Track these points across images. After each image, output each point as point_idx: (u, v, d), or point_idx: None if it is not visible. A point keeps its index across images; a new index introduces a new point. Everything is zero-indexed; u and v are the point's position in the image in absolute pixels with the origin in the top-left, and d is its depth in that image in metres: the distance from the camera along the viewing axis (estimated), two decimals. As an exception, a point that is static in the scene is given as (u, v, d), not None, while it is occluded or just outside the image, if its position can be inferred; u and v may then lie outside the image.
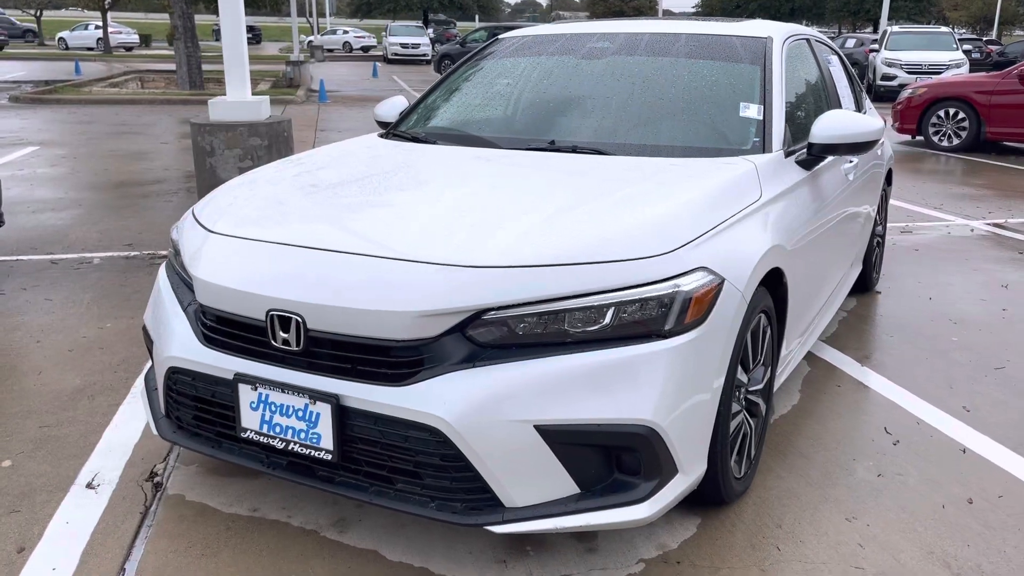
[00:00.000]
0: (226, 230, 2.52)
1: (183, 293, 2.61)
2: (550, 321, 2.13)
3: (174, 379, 2.48)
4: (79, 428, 3.19)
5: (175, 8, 19.32)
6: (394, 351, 2.14)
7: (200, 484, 2.78)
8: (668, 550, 2.45)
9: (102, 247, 5.96)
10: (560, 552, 2.43)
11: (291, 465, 2.34)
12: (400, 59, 36.98)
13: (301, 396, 2.21)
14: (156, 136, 12.10)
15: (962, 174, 9.91)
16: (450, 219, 2.38)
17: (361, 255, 2.22)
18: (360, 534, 2.51)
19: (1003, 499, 2.76)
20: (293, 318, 2.20)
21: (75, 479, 2.81)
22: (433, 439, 2.09)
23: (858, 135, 3.11)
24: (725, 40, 3.55)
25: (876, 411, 3.42)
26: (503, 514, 2.13)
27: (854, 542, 2.50)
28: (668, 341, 2.16)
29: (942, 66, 19.97)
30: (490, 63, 3.90)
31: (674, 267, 2.22)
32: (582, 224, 2.31)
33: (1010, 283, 5.33)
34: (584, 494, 2.16)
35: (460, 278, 2.12)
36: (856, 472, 2.92)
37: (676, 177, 2.69)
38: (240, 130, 5.63)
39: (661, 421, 2.13)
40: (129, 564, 2.36)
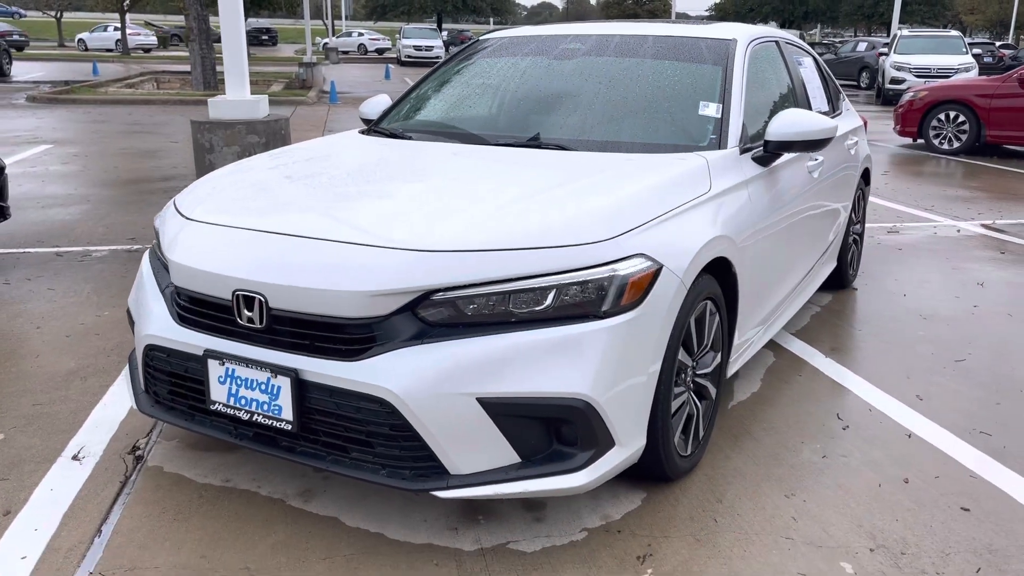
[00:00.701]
0: (201, 217, 2.70)
1: (162, 277, 2.79)
2: (496, 302, 2.29)
3: (151, 356, 2.66)
4: (70, 406, 3.37)
5: (190, 10, 19.63)
6: (348, 328, 2.31)
7: (178, 457, 2.96)
8: (611, 520, 2.60)
9: (106, 241, 6.17)
10: (509, 521, 2.58)
11: (256, 436, 2.51)
12: (413, 61, 37.23)
13: (263, 370, 2.38)
14: (167, 135, 12.34)
15: (959, 176, 9.99)
16: (408, 208, 2.55)
17: (318, 239, 2.39)
18: (323, 503, 2.67)
19: (938, 479, 2.89)
20: (256, 297, 2.37)
21: (62, 452, 3.00)
22: (383, 410, 2.25)
23: (811, 133, 3.25)
24: (691, 42, 3.70)
25: (831, 399, 3.55)
26: (448, 480, 2.29)
27: (788, 516, 2.65)
28: (604, 321, 2.31)
29: (951, 70, 19.98)
30: (468, 63, 4.06)
31: (612, 253, 2.37)
32: (529, 213, 2.47)
33: (986, 281, 5.44)
34: (524, 463, 2.32)
35: (409, 260, 2.28)
36: (802, 454, 3.06)
37: (628, 171, 2.84)
38: (238, 128, 5.82)
39: (596, 395, 2.28)
40: (105, 526, 2.53)
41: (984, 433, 3.25)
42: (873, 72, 25.00)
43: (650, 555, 2.43)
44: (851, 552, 2.46)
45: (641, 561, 2.40)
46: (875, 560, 2.42)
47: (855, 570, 2.37)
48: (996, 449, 3.11)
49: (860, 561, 2.41)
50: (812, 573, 2.36)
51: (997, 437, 3.22)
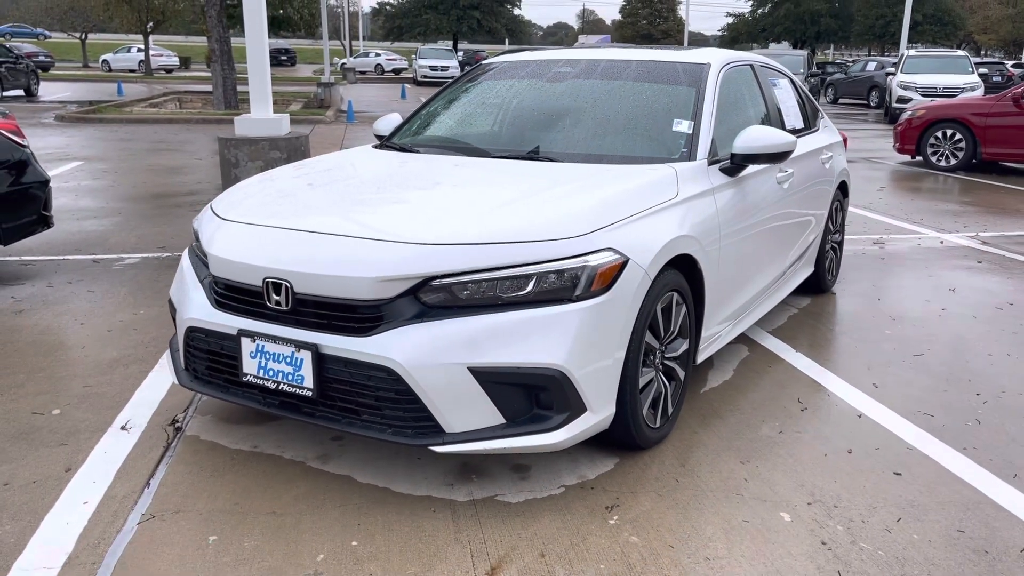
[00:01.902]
0: (235, 218, 3.15)
1: (200, 270, 3.23)
2: (485, 287, 2.72)
3: (192, 337, 3.10)
4: (116, 388, 3.82)
5: (213, 32, 20.29)
6: (360, 309, 2.74)
7: (213, 428, 3.39)
8: (586, 479, 3.00)
9: (138, 249, 6.65)
10: (498, 479, 2.99)
11: (282, 403, 2.94)
12: (429, 81, 37.95)
13: (288, 346, 2.81)
14: (191, 153, 12.90)
15: (953, 192, 10.35)
16: (412, 210, 3.00)
17: (336, 235, 2.83)
18: (338, 464, 3.10)
19: (878, 450, 3.28)
20: (284, 283, 2.81)
21: (112, 423, 3.44)
22: (389, 377, 2.68)
23: (773, 146, 3.66)
24: (670, 66, 4.13)
25: (796, 386, 3.94)
26: (444, 438, 2.71)
27: (740, 477, 3.04)
28: (577, 304, 2.73)
29: (957, 89, 20.32)
30: (471, 85, 4.52)
31: (585, 247, 2.79)
32: (515, 213, 2.90)
33: (957, 287, 5.81)
34: (509, 424, 2.74)
35: (411, 252, 2.72)
36: (761, 430, 3.45)
37: (604, 179, 3.27)
38: (262, 144, 6.30)
39: (569, 366, 2.69)
40: (153, 480, 2.97)
41: (927, 414, 3.63)
42: (882, 91, 25.36)
43: (617, 506, 2.83)
44: (791, 505, 2.85)
45: (609, 510, 2.80)
46: (811, 511, 2.81)
47: (791, 518, 2.77)
48: (935, 427, 3.50)
49: (797, 512, 2.81)
50: (754, 520, 2.75)
51: (938, 418, 3.60)
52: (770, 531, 2.69)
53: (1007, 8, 53.29)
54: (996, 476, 3.09)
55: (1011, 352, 4.46)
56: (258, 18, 6.34)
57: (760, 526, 2.72)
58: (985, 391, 3.91)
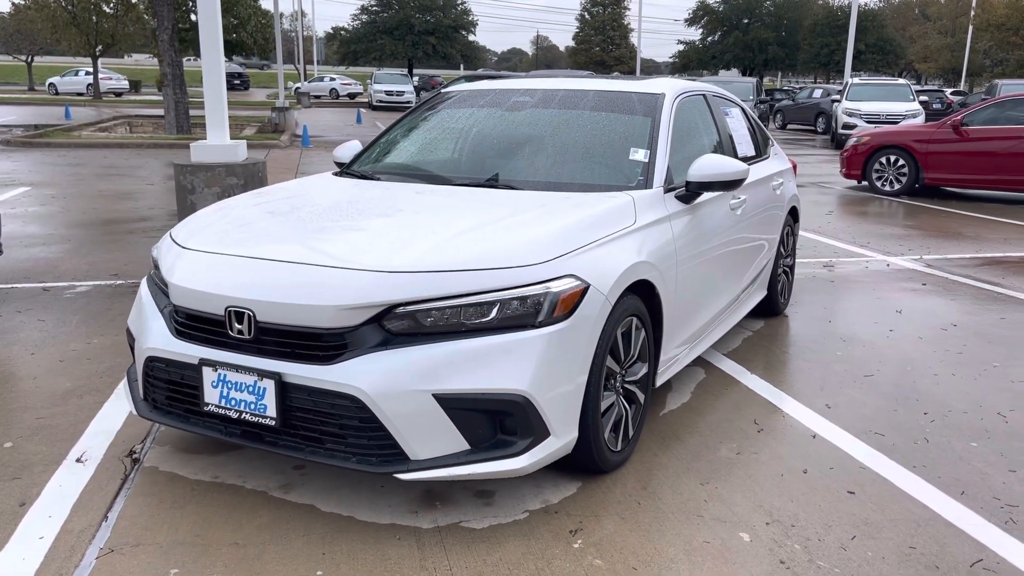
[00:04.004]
0: (196, 246, 3.14)
1: (160, 299, 3.21)
2: (449, 315, 2.74)
3: (151, 367, 3.07)
4: (70, 419, 3.75)
5: (164, 56, 20.09)
6: (323, 337, 2.75)
7: (171, 459, 3.35)
8: (550, 504, 3.03)
9: (90, 277, 6.54)
10: (461, 505, 3.01)
11: (244, 433, 2.92)
12: (385, 106, 37.98)
13: (251, 375, 2.81)
14: (143, 178, 12.73)
15: (897, 216, 10.66)
16: (374, 237, 3.02)
17: (299, 263, 2.84)
18: (301, 494, 3.08)
19: (833, 470, 3.37)
20: (246, 312, 2.81)
21: (66, 456, 3.37)
22: (353, 406, 2.69)
23: (726, 174, 3.76)
24: (625, 96, 4.23)
25: (752, 408, 4.03)
26: (408, 465, 2.72)
27: (701, 499, 3.10)
28: (540, 330, 2.77)
29: (899, 116, 20.97)
30: (431, 113, 4.57)
31: (547, 273, 2.84)
32: (477, 241, 2.95)
33: (904, 309, 5.98)
34: (473, 450, 2.76)
35: (374, 280, 2.74)
36: (719, 451, 3.52)
37: (564, 207, 3.33)
38: (218, 170, 6.26)
39: (532, 391, 2.73)
40: (111, 514, 2.92)
41: (878, 434, 3.73)
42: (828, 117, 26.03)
43: (580, 529, 2.86)
44: (749, 525, 2.91)
45: (573, 534, 2.83)
46: (769, 531, 2.88)
47: (751, 538, 2.83)
48: (886, 446, 3.60)
49: (756, 532, 2.87)
50: (715, 540, 2.81)
51: (889, 437, 3.70)
52: (730, 551, 2.74)
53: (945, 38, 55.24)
54: (945, 493, 3.19)
55: (955, 372, 4.61)
56: (214, 41, 6.33)
57: (720, 547, 2.77)
58: (932, 410, 4.03)
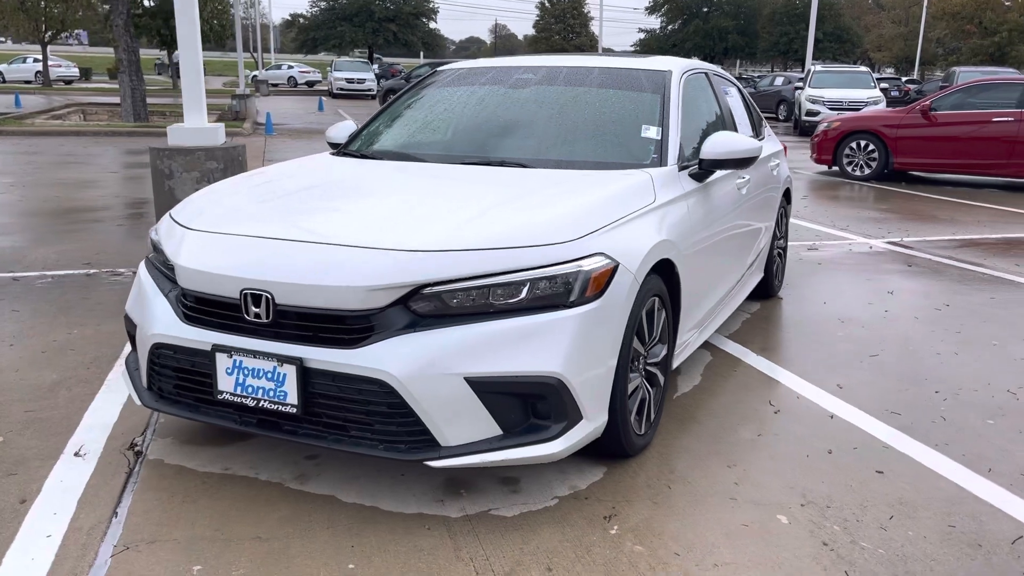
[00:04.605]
0: (204, 227, 2.98)
1: (162, 283, 3.04)
2: (477, 295, 2.63)
3: (157, 354, 2.91)
4: (61, 412, 3.56)
5: (120, 42, 19.55)
6: (348, 320, 2.62)
7: (176, 451, 3.19)
8: (578, 489, 2.94)
9: (61, 266, 6.28)
10: (488, 492, 2.90)
11: (260, 422, 2.78)
12: (345, 93, 37.49)
13: (270, 360, 2.67)
14: (103, 166, 12.35)
15: (871, 200, 10.74)
16: (396, 216, 2.89)
17: (320, 243, 2.70)
18: (319, 484, 2.95)
19: (856, 450, 3.32)
20: (264, 295, 2.66)
21: (63, 450, 3.20)
22: (382, 391, 2.56)
23: (740, 152, 3.69)
24: (632, 73, 4.13)
25: (764, 389, 3.98)
26: (439, 451, 2.60)
27: (731, 481, 3.03)
28: (572, 310, 2.67)
29: (861, 103, 21.19)
30: (429, 91, 4.43)
31: (577, 252, 2.74)
32: (504, 218, 2.83)
33: (895, 290, 6.00)
34: (505, 435, 2.65)
35: (403, 259, 2.61)
36: (740, 433, 3.46)
37: (584, 184, 3.23)
38: (198, 154, 6.04)
39: (567, 373, 2.63)
40: (120, 509, 2.77)
41: (894, 413, 3.70)
42: (790, 105, 26.24)
43: (615, 515, 2.78)
44: (785, 507, 2.85)
45: (607, 520, 2.74)
46: (806, 513, 2.82)
47: (789, 520, 2.76)
48: (905, 425, 3.57)
49: (793, 514, 2.81)
50: (753, 524, 2.74)
51: (905, 416, 3.67)
52: (771, 534, 2.68)
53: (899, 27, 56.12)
54: (972, 471, 3.16)
55: (958, 351, 4.61)
56: (191, 22, 6.10)
57: (760, 529, 2.71)
58: (943, 389, 4.02)
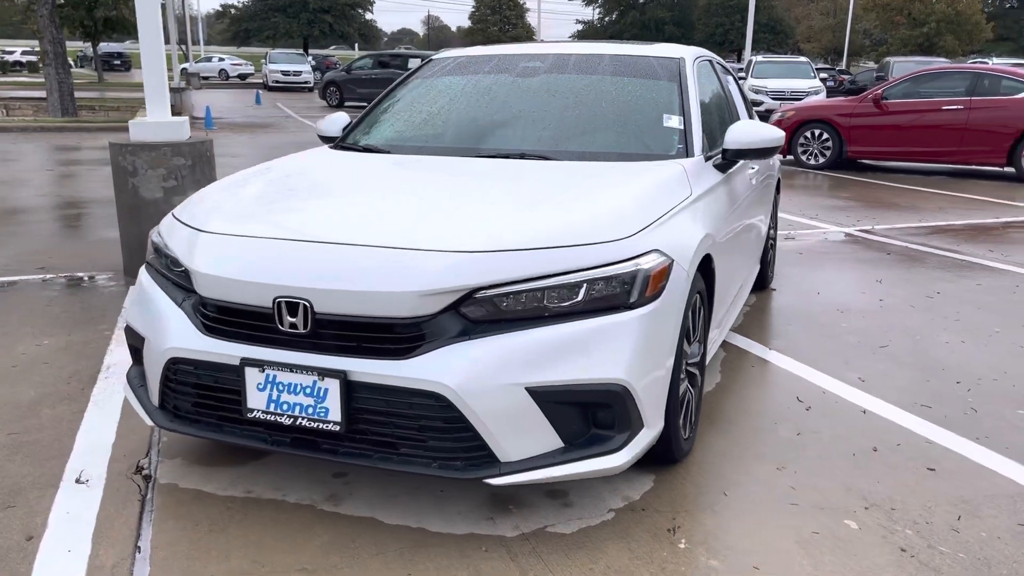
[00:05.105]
0: (223, 229, 2.72)
1: (173, 290, 2.78)
2: (531, 298, 2.44)
3: (174, 370, 2.64)
4: (49, 433, 3.26)
5: (45, 33, 18.66)
6: (397, 328, 2.40)
7: (189, 474, 2.93)
8: (632, 501, 2.78)
9: (12, 271, 5.87)
10: (538, 508, 2.72)
11: (295, 441, 2.55)
12: (281, 86, 36.59)
13: (309, 374, 2.44)
14: (36, 164, 11.73)
15: (830, 188, 10.84)
16: (434, 214, 2.68)
17: (364, 245, 2.48)
18: (355, 505, 2.73)
19: (900, 447, 3.24)
20: (301, 303, 2.43)
21: (62, 476, 2.91)
22: (437, 404, 2.36)
23: (764, 141, 3.57)
24: (645, 60, 3.98)
25: (787, 384, 3.88)
26: (500, 468, 2.41)
27: (786, 485, 2.91)
28: (634, 312, 2.50)
29: (803, 92, 21.51)
30: (429, 82, 4.20)
31: (633, 249, 2.57)
32: (552, 215, 2.65)
33: (882, 278, 5.99)
34: (567, 447, 2.47)
35: (456, 262, 2.41)
36: (779, 432, 3.34)
37: (619, 177, 3.06)
38: (164, 150, 5.68)
39: (631, 379, 2.46)
40: (142, 542, 2.50)
41: (925, 406, 3.64)
42: (731, 95, 26.50)
43: (678, 527, 2.63)
44: (850, 511, 2.74)
45: (672, 533, 2.59)
46: (872, 517, 2.71)
47: (859, 526, 2.65)
48: (940, 419, 3.50)
49: (860, 518, 2.70)
50: (823, 531, 2.62)
51: (936, 409, 3.61)
52: (845, 542, 2.56)
53: (828, 19, 57.40)
54: (1021, 465, 3.10)
55: (964, 340, 4.59)
56: (152, 12, 5.73)
57: (832, 537, 2.59)
58: (963, 379, 3.98)
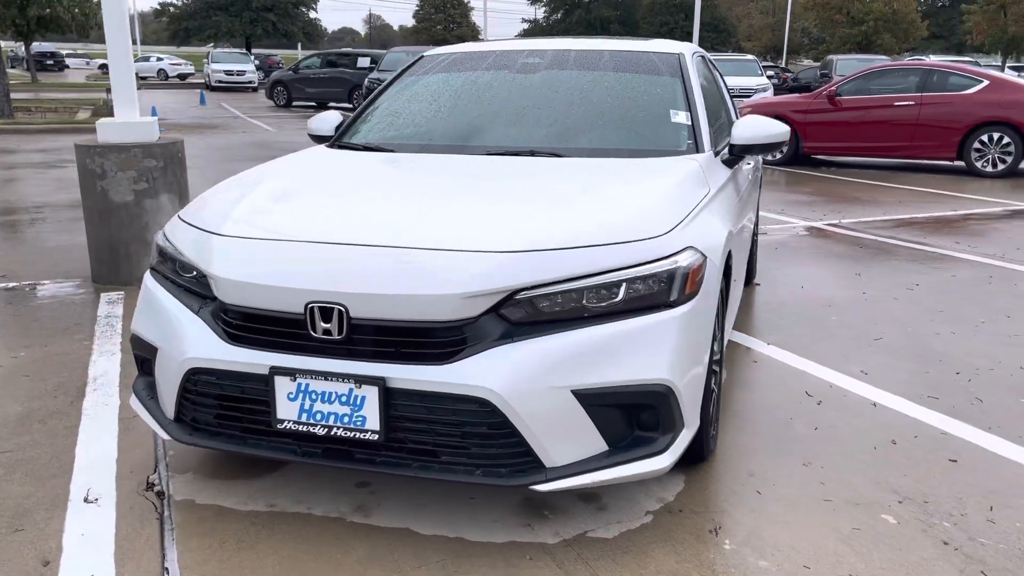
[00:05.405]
0: (244, 232, 2.59)
1: (186, 297, 2.65)
2: (570, 298, 2.38)
3: (195, 380, 2.52)
4: (45, 450, 3.09)
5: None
6: (438, 332, 2.32)
7: (205, 488, 2.80)
8: (667, 502, 2.74)
9: (-28, 280, 5.60)
10: (574, 513, 2.66)
11: (328, 451, 2.44)
12: (225, 86, 35.84)
13: (345, 382, 2.34)
14: (-17, 167, 11.27)
15: (789, 184, 10.99)
16: (472, 213, 2.60)
17: (405, 247, 2.38)
18: (386, 516, 2.63)
19: (917, 438, 3.26)
20: (336, 308, 2.33)
21: (68, 496, 2.76)
22: (482, 410, 2.28)
23: (771, 136, 3.56)
24: (645, 56, 3.94)
25: (791, 379, 3.89)
26: (546, 473, 2.34)
27: (816, 481, 2.90)
28: (675, 310, 2.46)
29: (751, 90, 21.83)
30: (425, 79, 4.10)
31: (670, 247, 2.52)
32: (586, 213, 2.59)
33: (861, 272, 6.08)
34: (612, 451, 2.42)
35: (500, 262, 2.33)
36: (796, 428, 3.34)
37: (640, 173, 3.02)
38: (134, 151, 5.47)
39: (675, 379, 2.42)
40: (169, 563, 2.38)
41: (932, 397, 3.68)
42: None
43: (720, 528, 2.59)
44: (884, 506, 2.74)
45: (715, 534, 2.56)
46: (908, 510, 2.71)
47: (897, 520, 2.65)
48: (948, 409, 3.54)
49: (897, 512, 2.70)
50: (864, 526, 2.61)
51: (943, 399, 3.65)
52: (887, 537, 2.56)
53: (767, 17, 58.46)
54: (1036, 453, 3.15)
55: (953, 331, 4.67)
56: (118, 8, 5.51)
57: (873, 532, 2.58)
58: (962, 370, 4.03)
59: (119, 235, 5.53)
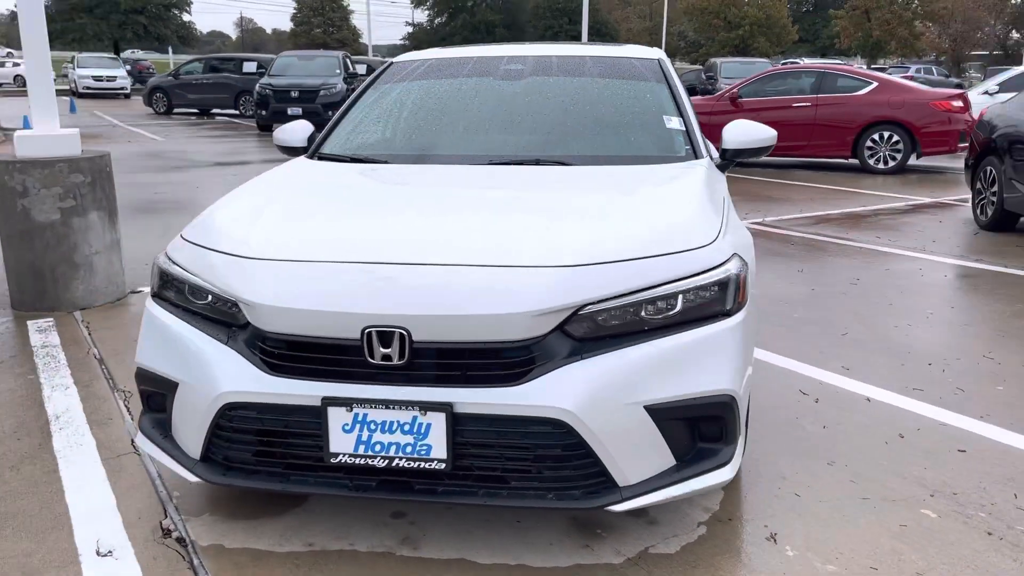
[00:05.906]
0: (281, 254, 2.40)
1: (209, 327, 2.44)
2: (630, 312, 2.32)
3: (231, 416, 2.32)
4: (29, 501, 2.80)
5: None
6: (506, 352, 2.22)
7: (230, 531, 2.59)
8: (713, 511, 2.72)
9: None
10: (629, 530, 2.61)
11: (383, 484, 2.30)
12: (93, 93, 33.92)
13: (409, 409, 2.20)
14: None
15: (702, 184, 11.28)
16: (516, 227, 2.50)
17: (467, 265, 2.27)
18: (436, 547, 2.51)
19: (921, 431, 3.37)
20: (397, 332, 2.19)
21: (76, 550, 2.50)
22: (556, 431, 2.20)
23: (760, 140, 3.62)
24: (627, 61, 3.93)
25: (782, 378, 3.95)
26: (620, 493, 2.28)
27: (846, 480, 2.95)
28: (731, 319, 2.43)
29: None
30: (403, 86, 3.95)
31: (719, 255, 2.50)
32: (631, 224, 2.54)
33: (803, 268, 6.28)
34: (679, 465, 2.37)
35: (565, 277, 2.25)
36: (805, 427, 3.39)
37: (659, 180, 3.01)
38: (59, 167, 5.07)
39: (737, 388, 2.40)
40: (221, 618, 2.18)
41: (917, 389, 3.81)
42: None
43: (776, 534, 2.59)
44: (920, 500, 2.81)
45: (773, 541, 2.55)
46: (942, 504, 2.79)
47: (937, 514, 2.72)
48: (936, 400, 3.68)
49: (934, 507, 2.77)
50: (910, 523, 2.66)
51: (928, 391, 3.79)
52: (936, 532, 2.61)
53: (645, 22, 60.19)
54: (1032, 438, 3.31)
55: (910, 323, 4.87)
56: (37, 16, 5.08)
57: (920, 528, 2.63)
58: (934, 361, 4.20)
59: (44, 257, 5.11)
